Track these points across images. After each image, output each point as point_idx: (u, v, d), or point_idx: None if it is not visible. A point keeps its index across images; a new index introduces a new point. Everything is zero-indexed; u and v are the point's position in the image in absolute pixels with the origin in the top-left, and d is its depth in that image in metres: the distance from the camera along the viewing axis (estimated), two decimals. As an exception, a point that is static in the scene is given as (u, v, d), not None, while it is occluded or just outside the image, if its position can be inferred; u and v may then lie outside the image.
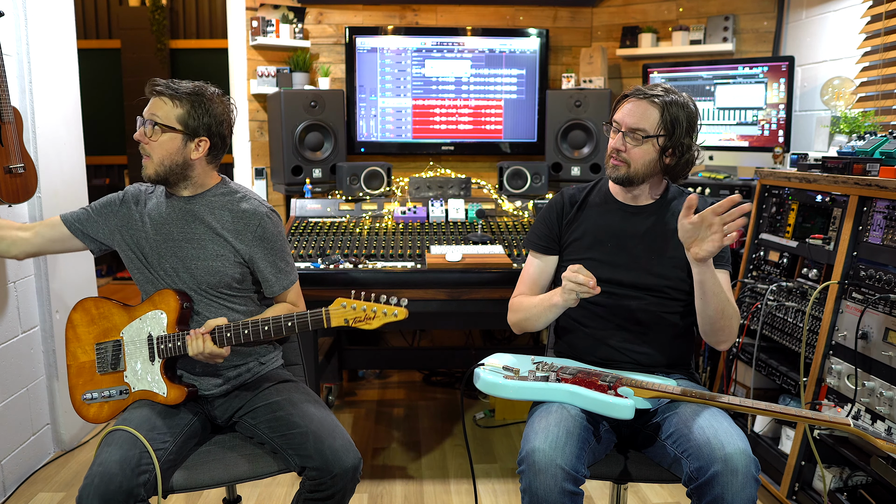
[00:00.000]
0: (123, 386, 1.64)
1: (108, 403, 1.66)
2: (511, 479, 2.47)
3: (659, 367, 1.66)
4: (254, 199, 1.72)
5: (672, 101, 1.61)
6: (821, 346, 2.01)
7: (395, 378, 3.53)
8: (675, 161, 1.65)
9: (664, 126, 1.61)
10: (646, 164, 1.64)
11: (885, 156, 1.95)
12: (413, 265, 2.27)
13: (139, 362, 1.63)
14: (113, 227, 1.71)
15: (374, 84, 3.49)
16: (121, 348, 1.65)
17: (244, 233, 1.67)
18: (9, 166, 2.04)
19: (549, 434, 1.38)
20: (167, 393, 1.60)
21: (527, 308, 1.70)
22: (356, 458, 1.52)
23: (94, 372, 1.67)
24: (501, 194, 3.02)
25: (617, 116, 1.66)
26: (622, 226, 1.71)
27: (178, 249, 1.66)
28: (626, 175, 1.65)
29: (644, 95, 1.63)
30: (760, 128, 2.92)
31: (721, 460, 1.31)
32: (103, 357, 1.67)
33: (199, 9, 5.89)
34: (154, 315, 1.63)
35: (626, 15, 3.59)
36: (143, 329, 1.64)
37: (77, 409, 1.69)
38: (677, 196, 1.73)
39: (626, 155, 1.63)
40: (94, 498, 1.35)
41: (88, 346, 1.68)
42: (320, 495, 1.50)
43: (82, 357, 1.69)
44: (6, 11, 2.24)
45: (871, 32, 2.56)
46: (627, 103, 1.65)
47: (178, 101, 1.60)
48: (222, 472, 1.55)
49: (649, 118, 1.61)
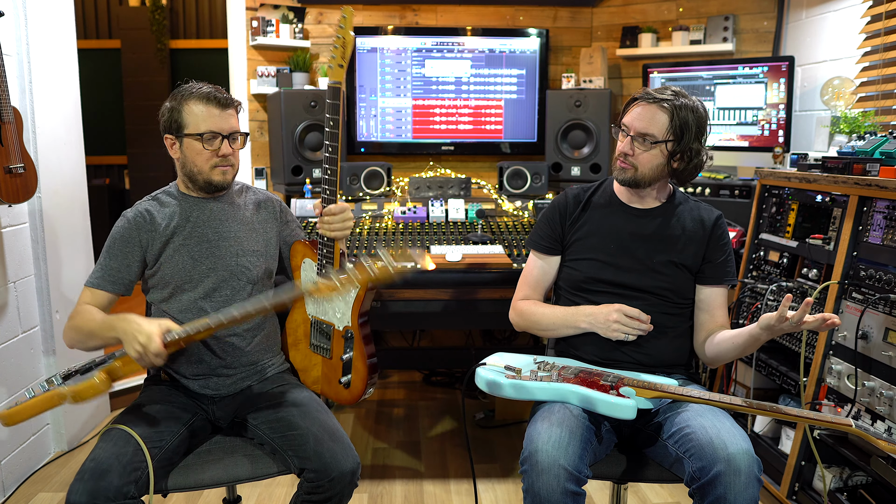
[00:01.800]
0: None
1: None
2: (511, 479, 2.47)
3: (660, 368, 1.66)
4: (259, 190, 1.85)
5: (682, 105, 1.60)
6: (821, 346, 2.01)
7: (395, 378, 3.53)
8: (684, 166, 1.65)
9: (673, 131, 1.60)
10: (653, 169, 1.64)
11: (885, 156, 1.95)
12: (413, 265, 2.27)
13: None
14: (138, 258, 1.66)
15: (374, 84, 3.49)
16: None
17: (269, 220, 1.79)
18: (9, 166, 2.04)
19: (553, 434, 1.38)
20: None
21: (539, 318, 1.72)
22: (355, 462, 1.52)
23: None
24: (501, 194, 3.02)
25: (626, 120, 1.66)
26: (626, 228, 1.71)
27: (216, 249, 1.68)
28: (633, 178, 1.65)
29: (654, 99, 1.62)
30: (760, 128, 2.92)
31: (724, 460, 1.31)
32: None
33: (199, 9, 5.89)
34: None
35: (626, 15, 3.59)
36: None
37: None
38: (683, 202, 1.73)
39: (633, 159, 1.63)
40: (82, 493, 1.35)
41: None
42: (318, 497, 1.50)
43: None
44: (6, 11, 2.24)
45: (870, 32, 2.56)
46: (637, 107, 1.64)
47: (240, 109, 1.70)
48: (221, 472, 1.55)
49: (658, 123, 1.61)
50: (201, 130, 1.61)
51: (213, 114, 1.61)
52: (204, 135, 1.61)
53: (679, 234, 1.68)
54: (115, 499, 1.36)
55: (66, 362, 2.58)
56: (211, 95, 1.62)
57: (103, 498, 1.35)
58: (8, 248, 2.33)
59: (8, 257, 2.33)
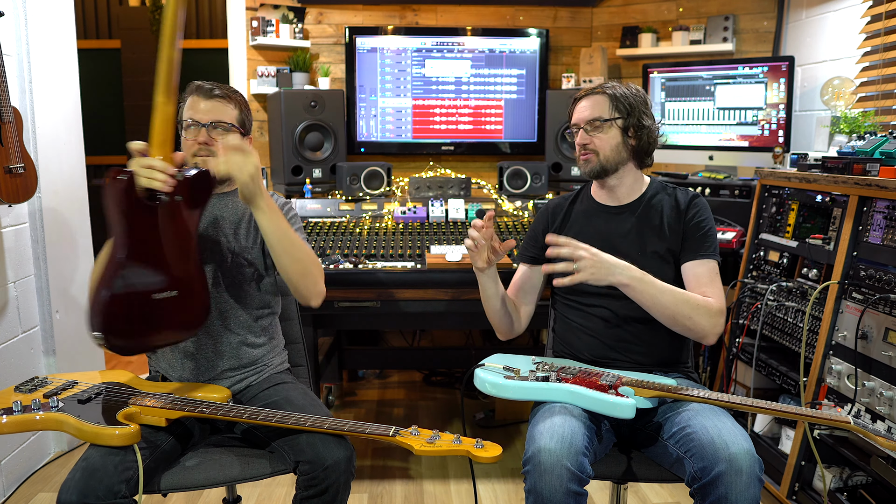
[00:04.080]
0: None
1: None
2: (511, 479, 2.47)
3: (657, 367, 1.67)
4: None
5: (615, 86, 1.71)
6: (821, 346, 2.01)
7: (395, 378, 3.53)
8: (639, 141, 1.70)
9: (617, 108, 1.68)
10: (613, 149, 1.69)
11: (885, 156, 1.95)
12: (413, 265, 2.27)
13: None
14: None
15: (374, 84, 3.49)
16: None
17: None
18: (9, 166, 2.05)
19: (555, 434, 1.38)
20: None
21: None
22: (348, 449, 1.51)
23: None
24: (501, 194, 3.02)
25: (574, 119, 1.75)
26: (607, 227, 1.73)
27: (215, 245, 1.69)
28: (599, 165, 1.70)
29: (590, 92, 1.72)
30: (760, 128, 2.92)
31: (725, 460, 1.31)
32: None
33: (199, 9, 5.89)
34: None
35: (626, 15, 3.59)
36: None
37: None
38: (660, 191, 1.75)
39: (591, 146, 1.69)
40: (73, 492, 1.34)
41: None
42: (315, 491, 1.49)
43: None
44: (6, 11, 2.24)
45: (870, 32, 2.56)
46: (578, 104, 1.74)
47: (234, 102, 1.69)
48: (217, 472, 1.54)
49: (601, 105, 1.70)
50: (184, 119, 1.67)
51: (197, 104, 1.66)
52: (184, 122, 1.66)
53: (659, 223, 1.69)
54: (105, 498, 1.35)
55: (66, 362, 2.59)
56: (197, 86, 1.68)
57: (94, 497, 1.34)
58: (8, 248, 2.33)
59: (8, 257, 2.33)
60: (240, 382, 1.72)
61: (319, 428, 1.44)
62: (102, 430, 1.39)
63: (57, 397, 1.50)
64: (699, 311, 1.56)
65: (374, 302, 2.25)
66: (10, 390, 1.56)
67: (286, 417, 1.44)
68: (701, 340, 1.61)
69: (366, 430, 1.40)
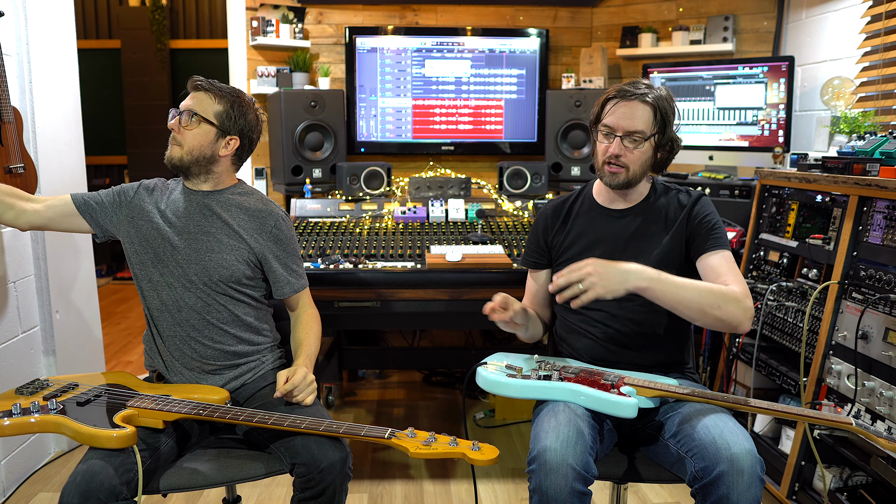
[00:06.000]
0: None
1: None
2: (511, 478, 2.47)
3: (657, 368, 1.66)
4: (270, 202, 1.79)
5: (659, 97, 1.61)
6: (821, 346, 2.01)
7: (395, 378, 3.53)
8: (666, 155, 1.66)
9: (657, 124, 1.61)
10: (643, 164, 1.63)
11: (885, 156, 1.95)
12: (413, 265, 2.27)
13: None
14: (122, 218, 1.72)
15: (374, 84, 3.49)
16: None
17: (260, 231, 1.73)
18: (9, 166, 2.04)
19: (560, 433, 1.38)
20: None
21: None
22: (344, 451, 1.50)
23: None
24: (501, 194, 3.02)
25: (609, 121, 1.62)
26: (611, 230, 1.70)
27: (194, 241, 1.68)
28: (626, 180, 1.63)
29: (633, 95, 1.60)
30: (760, 128, 2.92)
31: (727, 460, 1.31)
32: None
33: (199, 9, 5.89)
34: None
35: (626, 15, 3.59)
36: None
37: None
38: (664, 193, 1.72)
39: (624, 160, 1.61)
40: (74, 495, 1.35)
41: None
42: (311, 493, 1.48)
43: None
44: (6, 11, 2.24)
45: (871, 32, 2.56)
46: (618, 106, 1.61)
47: (218, 98, 1.68)
48: (217, 472, 1.54)
49: (645, 118, 1.60)
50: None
51: (187, 96, 1.70)
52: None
53: (662, 225, 1.67)
54: (106, 500, 1.35)
55: (66, 362, 2.58)
56: (190, 79, 1.70)
57: (95, 499, 1.34)
58: (8, 248, 2.33)
59: (8, 257, 2.33)
60: (234, 380, 1.71)
61: (315, 430, 1.44)
62: (99, 432, 1.39)
63: (56, 399, 1.50)
64: (726, 299, 1.48)
65: (374, 302, 2.25)
66: (10, 392, 1.57)
67: (282, 419, 1.44)
68: (735, 330, 1.52)
69: (361, 432, 1.40)
